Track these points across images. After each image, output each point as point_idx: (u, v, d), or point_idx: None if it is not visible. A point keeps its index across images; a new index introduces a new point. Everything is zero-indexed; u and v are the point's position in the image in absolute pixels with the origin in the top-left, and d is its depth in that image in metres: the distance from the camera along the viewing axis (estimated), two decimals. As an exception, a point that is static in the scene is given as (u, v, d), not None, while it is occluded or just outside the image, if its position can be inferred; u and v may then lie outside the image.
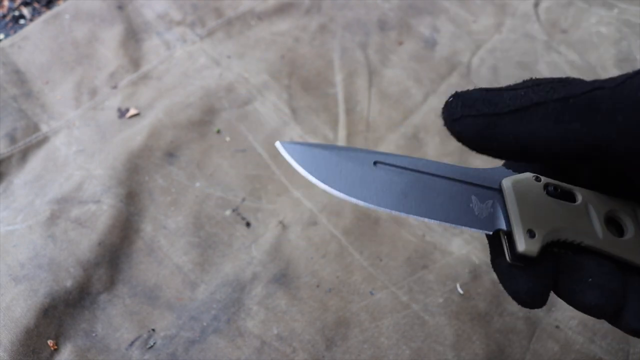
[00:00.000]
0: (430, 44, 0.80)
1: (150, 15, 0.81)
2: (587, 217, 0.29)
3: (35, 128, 0.68)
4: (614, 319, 0.27)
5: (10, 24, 0.84)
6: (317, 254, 0.56)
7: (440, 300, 0.53)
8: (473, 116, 0.25)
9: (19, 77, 0.73)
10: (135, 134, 0.66)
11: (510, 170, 0.31)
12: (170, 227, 0.58)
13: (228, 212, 0.60)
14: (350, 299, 0.53)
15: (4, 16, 0.85)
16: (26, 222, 0.57)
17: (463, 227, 0.29)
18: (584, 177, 0.31)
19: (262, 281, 0.54)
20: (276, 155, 0.65)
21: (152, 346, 0.50)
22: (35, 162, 0.64)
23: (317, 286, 0.54)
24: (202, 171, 0.63)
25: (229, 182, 0.62)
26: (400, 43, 0.80)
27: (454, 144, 0.67)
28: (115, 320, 0.51)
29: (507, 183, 0.29)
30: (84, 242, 0.55)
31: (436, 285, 0.54)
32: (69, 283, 0.52)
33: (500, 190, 0.29)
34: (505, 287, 0.29)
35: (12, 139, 0.66)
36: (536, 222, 0.28)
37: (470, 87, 0.27)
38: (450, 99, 0.26)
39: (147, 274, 0.55)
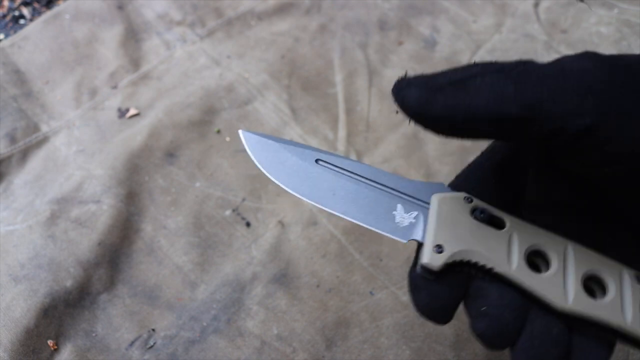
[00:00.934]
0: (430, 44, 0.80)
1: (150, 15, 0.81)
2: (507, 245, 0.29)
3: (35, 128, 0.68)
4: (509, 349, 0.28)
5: (10, 24, 0.84)
6: (317, 254, 0.56)
7: (440, 300, 0.53)
8: (416, 86, 0.27)
9: (19, 77, 0.73)
10: (135, 134, 0.66)
11: (449, 188, 0.32)
12: (170, 227, 0.58)
13: (228, 212, 0.60)
14: (350, 299, 0.53)
15: (4, 16, 0.85)
16: (26, 222, 0.57)
17: (379, 231, 0.31)
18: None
19: (262, 281, 0.54)
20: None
21: (152, 346, 0.50)
22: (35, 162, 0.64)
23: (317, 286, 0.54)
24: (202, 171, 0.63)
25: (229, 182, 0.62)
26: (400, 43, 0.80)
27: (454, 144, 0.67)
28: (115, 320, 0.51)
29: (435, 198, 0.30)
30: (84, 242, 0.55)
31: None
32: (69, 283, 0.52)
33: (429, 204, 0.31)
34: (411, 297, 0.30)
35: (12, 139, 0.66)
36: (448, 240, 0.29)
37: None
38: (400, 77, 0.28)
39: (147, 274, 0.55)
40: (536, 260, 0.30)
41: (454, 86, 0.26)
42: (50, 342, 0.49)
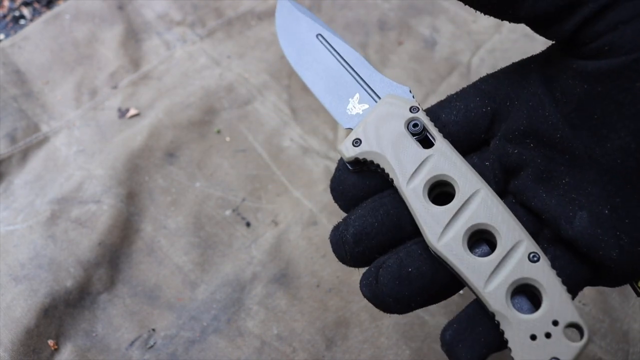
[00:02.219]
0: (430, 44, 0.80)
1: (151, 15, 0.82)
2: (418, 166, 0.28)
3: (36, 128, 0.68)
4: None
5: (11, 24, 0.84)
6: (317, 254, 0.56)
7: (440, 300, 0.53)
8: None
9: (19, 77, 0.73)
10: (135, 134, 0.66)
11: (410, 95, 0.32)
12: (171, 227, 0.58)
13: (228, 212, 0.60)
14: (350, 299, 0.53)
15: (5, 16, 0.85)
16: (26, 222, 0.58)
17: (330, 111, 0.33)
18: None
19: (262, 281, 0.54)
20: (276, 155, 0.65)
21: (152, 346, 0.50)
22: (36, 162, 0.64)
23: (317, 286, 0.54)
24: (202, 171, 0.63)
25: (229, 182, 0.62)
26: (400, 43, 0.80)
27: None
28: (115, 320, 0.52)
29: (385, 97, 0.31)
30: (84, 242, 0.55)
31: (436, 285, 0.54)
32: (69, 283, 0.52)
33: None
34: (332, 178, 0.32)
35: (13, 139, 0.66)
36: (370, 139, 0.29)
37: None
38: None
39: (147, 274, 0.55)
40: (441, 195, 0.29)
41: None
42: (50, 342, 0.49)
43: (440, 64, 0.77)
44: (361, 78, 0.33)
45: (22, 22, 0.84)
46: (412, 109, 0.30)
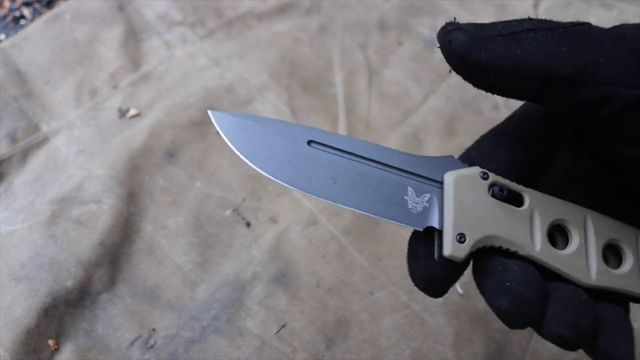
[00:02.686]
0: (430, 44, 0.80)
1: (151, 15, 0.82)
2: (529, 224, 0.27)
3: (36, 128, 0.68)
4: (534, 327, 0.27)
5: (11, 25, 0.84)
6: (317, 254, 0.57)
7: (440, 300, 0.53)
8: (466, 30, 0.25)
9: (20, 77, 0.73)
10: (135, 134, 0.66)
11: (460, 162, 0.29)
12: (171, 227, 0.58)
13: (228, 212, 0.60)
14: (350, 298, 0.54)
15: (5, 16, 0.85)
16: (27, 222, 0.58)
17: (392, 221, 0.27)
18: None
19: (262, 281, 0.55)
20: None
21: (152, 346, 0.50)
22: (36, 162, 0.64)
23: (317, 286, 0.54)
24: (202, 171, 0.64)
25: (229, 182, 0.62)
26: (400, 43, 0.80)
27: (454, 144, 0.67)
28: (115, 320, 0.52)
29: (449, 178, 0.27)
30: (85, 242, 0.55)
31: (436, 285, 0.54)
32: (69, 283, 0.52)
33: (441, 184, 0.28)
34: (408, 266, 0.29)
35: (13, 139, 0.66)
36: (470, 227, 0.27)
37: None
38: (448, 22, 0.26)
39: (147, 274, 0.55)
40: (555, 233, 0.29)
41: (505, 37, 0.24)
42: (50, 342, 0.49)
43: (440, 64, 0.77)
44: (396, 168, 0.28)
45: (22, 22, 0.84)
46: (482, 175, 0.28)
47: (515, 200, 0.28)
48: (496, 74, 0.25)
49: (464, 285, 0.54)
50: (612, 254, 0.29)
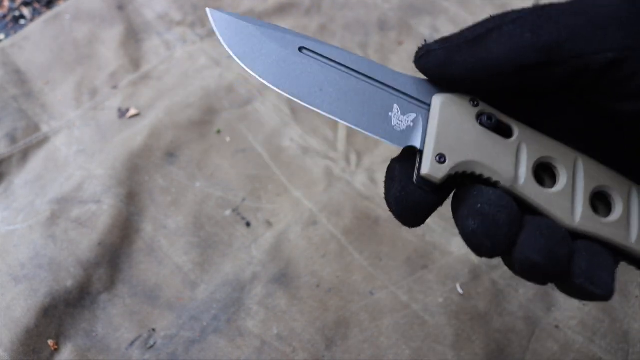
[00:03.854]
0: (430, 44, 0.80)
1: (151, 15, 0.82)
2: (515, 157, 0.26)
3: (36, 128, 0.68)
4: (503, 257, 0.26)
5: (11, 24, 0.84)
6: (317, 254, 0.57)
7: (440, 300, 0.53)
8: (435, 50, 0.26)
9: (20, 77, 0.73)
10: (135, 134, 0.66)
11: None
12: (171, 227, 0.58)
13: (228, 212, 0.60)
14: (350, 299, 0.53)
15: (5, 16, 0.85)
16: (27, 222, 0.58)
17: (373, 135, 0.27)
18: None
19: (262, 281, 0.54)
20: (276, 155, 0.65)
21: (152, 346, 0.50)
22: (36, 162, 0.64)
23: (317, 286, 0.54)
24: (202, 171, 0.63)
25: (229, 182, 0.62)
26: (400, 43, 0.80)
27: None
28: (115, 320, 0.52)
29: (437, 99, 0.27)
30: (85, 242, 0.55)
31: (436, 285, 0.54)
32: (69, 283, 0.52)
33: (429, 106, 0.27)
34: (385, 186, 0.28)
35: (13, 139, 0.66)
36: (452, 149, 0.26)
37: None
38: (419, 46, 0.27)
39: (147, 274, 0.55)
40: (543, 173, 0.28)
41: (471, 44, 0.25)
42: (50, 342, 0.49)
43: (440, 64, 0.77)
44: (385, 85, 0.28)
45: (22, 22, 0.84)
46: (472, 102, 0.27)
47: (503, 132, 0.27)
48: (472, 81, 0.26)
49: (464, 285, 0.54)
50: (602, 204, 0.28)
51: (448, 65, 0.26)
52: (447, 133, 0.26)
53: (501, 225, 0.25)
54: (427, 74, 0.27)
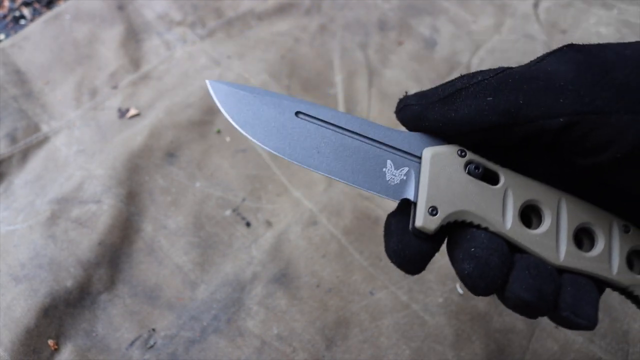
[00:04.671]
0: (430, 44, 0.80)
1: (151, 15, 0.82)
2: (502, 203, 0.28)
3: (36, 128, 0.68)
4: (497, 294, 0.28)
5: (11, 24, 0.84)
6: (317, 254, 0.56)
7: (440, 300, 0.53)
8: (411, 105, 0.30)
9: (20, 77, 0.73)
10: (135, 134, 0.66)
11: (440, 140, 0.30)
12: (171, 227, 0.58)
13: (228, 212, 0.60)
14: (350, 299, 0.53)
15: (5, 16, 0.85)
16: (27, 222, 0.58)
17: (369, 191, 0.29)
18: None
19: (262, 281, 0.54)
20: (276, 155, 0.65)
21: (152, 346, 0.50)
22: (36, 162, 0.64)
23: (317, 286, 0.54)
24: (202, 171, 0.63)
25: (229, 182, 0.62)
26: (400, 43, 0.80)
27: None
28: (115, 320, 0.52)
29: (427, 153, 0.29)
30: (85, 242, 0.55)
31: (436, 285, 0.54)
32: (69, 283, 0.52)
33: (420, 159, 0.29)
34: (385, 241, 0.30)
35: (13, 139, 0.66)
36: (442, 201, 0.28)
37: None
38: (399, 98, 0.31)
39: (147, 274, 0.55)
40: (530, 212, 0.30)
41: (442, 103, 0.28)
42: (50, 342, 0.49)
43: (440, 64, 0.77)
44: (378, 142, 0.30)
45: (22, 22, 0.84)
46: (460, 152, 0.29)
47: (490, 178, 0.29)
48: (444, 136, 0.29)
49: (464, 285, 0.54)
50: (586, 238, 0.30)
51: (422, 121, 0.29)
52: (438, 185, 0.28)
53: (493, 267, 0.27)
54: (404, 125, 0.30)
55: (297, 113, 0.30)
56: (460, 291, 0.54)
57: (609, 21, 0.83)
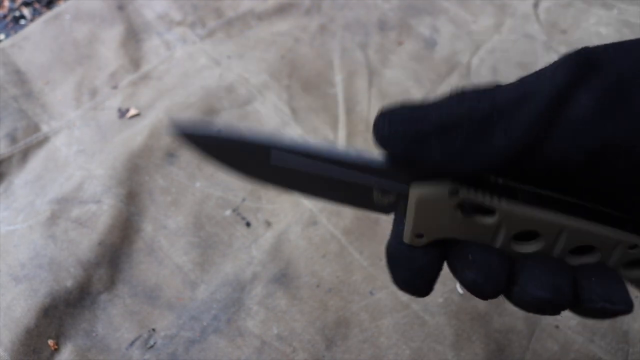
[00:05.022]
0: (430, 44, 0.80)
1: (151, 15, 0.82)
2: (493, 234, 0.27)
3: (36, 128, 0.68)
4: (506, 296, 0.27)
5: (11, 24, 0.84)
6: (317, 254, 0.57)
7: (440, 300, 0.53)
8: (400, 137, 0.24)
9: (20, 77, 0.73)
10: (135, 134, 0.66)
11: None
12: (171, 227, 0.58)
13: (228, 212, 0.60)
14: (350, 299, 0.53)
15: (5, 16, 0.85)
16: (27, 222, 0.58)
17: (360, 209, 0.29)
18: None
19: (262, 281, 0.55)
20: (276, 155, 0.65)
21: (152, 346, 0.50)
22: (36, 162, 0.64)
23: (317, 286, 0.54)
24: (202, 171, 0.64)
25: (229, 182, 0.62)
26: (400, 43, 0.80)
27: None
28: (115, 320, 0.52)
29: (414, 193, 0.26)
30: (85, 242, 0.55)
31: (436, 285, 0.54)
32: (69, 283, 0.52)
33: (407, 185, 0.27)
34: (390, 272, 0.29)
35: (13, 139, 0.66)
36: (429, 230, 0.27)
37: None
38: (377, 118, 0.25)
39: (147, 274, 0.55)
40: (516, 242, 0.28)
41: (437, 138, 0.24)
42: (50, 342, 0.49)
43: (440, 64, 0.77)
44: (363, 172, 0.28)
45: (22, 22, 0.84)
46: (452, 192, 0.26)
47: (485, 211, 0.27)
48: (435, 173, 0.26)
49: (472, 294, 0.54)
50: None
51: (415, 159, 0.25)
52: (425, 219, 0.27)
53: (495, 268, 0.26)
54: (393, 160, 0.27)
55: (272, 150, 0.28)
56: (460, 291, 0.54)
57: (609, 21, 0.83)
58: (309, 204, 0.61)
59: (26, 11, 0.85)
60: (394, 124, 0.24)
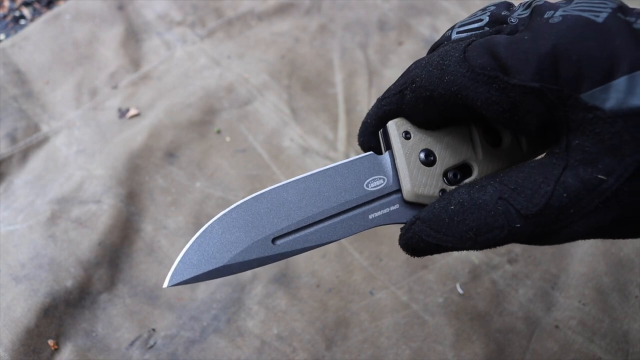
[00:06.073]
0: (430, 44, 0.80)
1: (151, 15, 0.82)
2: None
3: (36, 128, 0.68)
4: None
5: (11, 24, 0.84)
6: (317, 254, 0.56)
7: (440, 300, 0.53)
8: (425, 244, 0.28)
9: (20, 77, 0.73)
10: (135, 134, 0.66)
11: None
12: (171, 227, 0.58)
13: (228, 212, 0.60)
14: (350, 299, 0.53)
15: (5, 16, 0.85)
16: (27, 222, 0.58)
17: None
18: None
19: (262, 281, 0.54)
20: (276, 155, 0.65)
21: (152, 346, 0.50)
22: (36, 162, 0.64)
23: (317, 286, 0.54)
24: (202, 171, 0.63)
25: (229, 182, 0.62)
26: (400, 43, 0.80)
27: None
28: (115, 320, 0.52)
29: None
30: (85, 242, 0.55)
31: (436, 285, 0.54)
32: (69, 283, 0.52)
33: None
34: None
35: (13, 139, 0.66)
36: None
37: None
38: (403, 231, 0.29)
39: (147, 274, 0.55)
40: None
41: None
42: (50, 342, 0.49)
43: (440, 64, 0.77)
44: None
45: (22, 22, 0.84)
46: (442, 193, 0.29)
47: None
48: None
49: (464, 285, 0.54)
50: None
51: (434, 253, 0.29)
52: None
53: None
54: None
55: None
56: (461, 291, 0.54)
57: (609, 21, 0.83)
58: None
59: (26, 11, 0.85)
60: (423, 234, 0.29)
